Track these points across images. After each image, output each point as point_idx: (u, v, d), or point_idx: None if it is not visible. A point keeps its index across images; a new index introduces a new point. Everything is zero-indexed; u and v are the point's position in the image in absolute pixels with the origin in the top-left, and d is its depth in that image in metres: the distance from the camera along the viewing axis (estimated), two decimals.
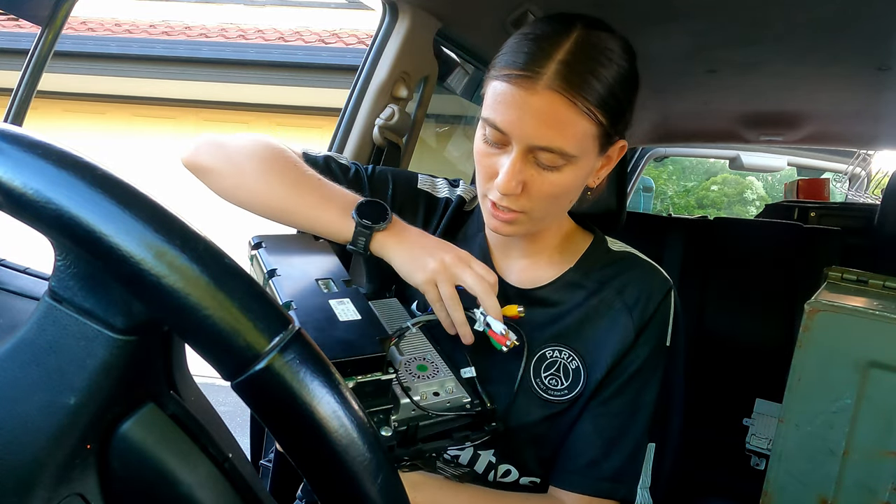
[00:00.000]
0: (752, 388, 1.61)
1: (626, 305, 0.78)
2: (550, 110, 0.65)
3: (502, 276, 0.83)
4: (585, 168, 0.71)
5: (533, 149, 0.67)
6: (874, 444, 0.74)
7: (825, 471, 0.76)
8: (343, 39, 5.57)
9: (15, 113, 0.95)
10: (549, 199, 0.71)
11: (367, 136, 1.32)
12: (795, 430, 0.78)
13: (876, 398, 0.74)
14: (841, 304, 0.77)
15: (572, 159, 0.68)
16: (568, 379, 0.76)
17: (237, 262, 0.31)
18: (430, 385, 0.69)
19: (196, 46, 5.41)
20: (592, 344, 0.77)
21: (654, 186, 6.40)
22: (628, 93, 0.70)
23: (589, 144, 0.69)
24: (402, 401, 0.65)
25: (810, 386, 0.78)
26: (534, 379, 0.77)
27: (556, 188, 0.70)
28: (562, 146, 0.66)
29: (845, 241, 1.94)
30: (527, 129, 0.66)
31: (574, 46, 0.66)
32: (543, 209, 0.72)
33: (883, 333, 0.74)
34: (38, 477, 0.32)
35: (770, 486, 0.79)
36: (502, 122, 0.67)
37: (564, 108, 0.65)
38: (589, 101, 0.66)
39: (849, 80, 1.75)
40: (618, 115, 0.69)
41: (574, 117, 0.66)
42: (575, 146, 0.67)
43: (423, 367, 0.71)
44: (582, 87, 0.65)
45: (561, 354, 0.77)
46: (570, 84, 0.65)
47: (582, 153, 0.69)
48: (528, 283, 0.82)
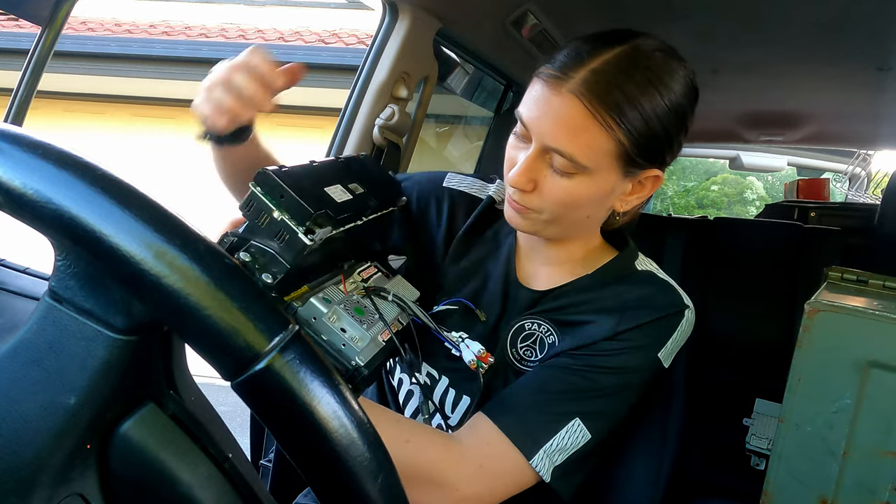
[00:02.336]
0: (752, 388, 1.61)
1: (619, 308, 0.75)
2: (569, 114, 0.65)
3: (523, 280, 0.82)
4: (602, 185, 0.70)
5: (548, 149, 0.67)
6: (874, 444, 0.74)
7: (825, 471, 0.76)
8: (343, 39, 5.57)
9: (15, 113, 0.95)
10: (559, 204, 0.70)
11: (367, 136, 1.32)
12: (795, 430, 0.78)
13: (876, 398, 0.74)
14: (841, 304, 0.77)
15: (585, 170, 0.67)
16: (543, 351, 0.76)
17: (237, 263, 0.31)
18: (345, 321, 0.67)
19: (196, 46, 5.41)
20: (574, 327, 0.76)
21: None
22: (668, 125, 0.68)
23: (605, 160, 0.67)
24: (310, 300, 0.65)
25: (810, 386, 0.77)
26: (510, 349, 0.78)
27: (567, 196, 0.69)
28: (573, 153, 0.66)
29: (845, 241, 1.94)
30: (544, 128, 0.67)
31: (612, 58, 0.66)
32: (554, 213, 0.72)
33: (883, 333, 0.74)
34: (39, 477, 0.32)
35: (770, 486, 0.79)
36: (526, 117, 0.69)
37: (582, 115, 0.65)
38: (610, 117, 0.65)
39: (849, 80, 1.75)
40: (645, 142, 0.67)
41: (591, 127, 0.65)
42: (587, 157, 0.66)
43: (360, 311, 0.70)
44: (604, 99, 0.64)
45: (539, 328, 0.77)
46: (592, 93, 0.64)
47: (596, 167, 0.67)
48: (542, 285, 0.81)
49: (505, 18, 1.35)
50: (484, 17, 1.36)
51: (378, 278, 0.80)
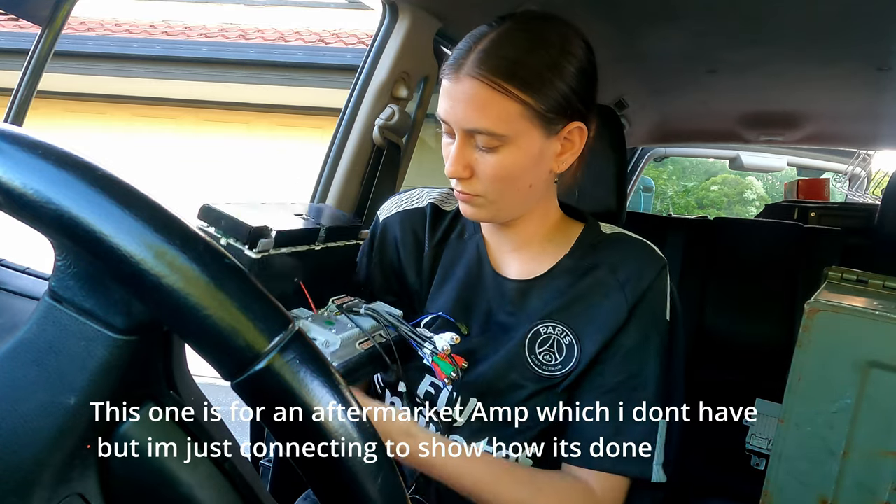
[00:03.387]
0: (752, 388, 1.61)
1: (619, 282, 0.79)
2: (472, 94, 0.71)
3: (500, 271, 0.85)
4: (529, 149, 0.74)
5: (469, 132, 0.73)
6: (874, 444, 0.74)
7: (825, 471, 0.76)
8: (343, 39, 5.56)
9: (15, 113, 0.95)
10: (497, 180, 0.75)
11: (367, 136, 1.32)
12: (795, 430, 0.78)
13: (876, 398, 0.74)
14: (841, 304, 0.77)
15: (505, 139, 0.72)
16: (562, 354, 0.78)
17: (237, 263, 0.31)
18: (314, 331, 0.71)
19: (196, 46, 5.41)
20: (585, 319, 0.79)
21: (654, 186, 6.40)
22: (566, 76, 0.73)
23: (520, 125, 0.72)
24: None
25: (810, 386, 0.77)
26: (528, 355, 0.79)
27: (500, 170, 0.74)
28: (488, 127, 0.71)
29: (845, 241, 1.94)
30: (457, 114, 0.72)
31: (496, 36, 0.72)
32: (497, 191, 0.76)
33: (883, 333, 0.74)
34: (39, 477, 0.32)
35: (770, 486, 0.79)
36: (441, 111, 0.74)
37: (483, 90, 0.70)
38: (507, 83, 0.70)
39: (849, 80, 1.75)
40: (552, 97, 0.72)
41: (494, 98, 0.70)
42: (502, 126, 0.71)
43: (331, 322, 0.73)
44: (498, 70, 0.70)
45: (555, 330, 0.79)
46: (485, 68, 0.70)
47: (515, 133, 0.72)
48: (525, 274, 0.84)
49: None
50: (484, 17, 1.35)
51: (355, 303, 0.81)
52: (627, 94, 2.02)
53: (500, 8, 1.33)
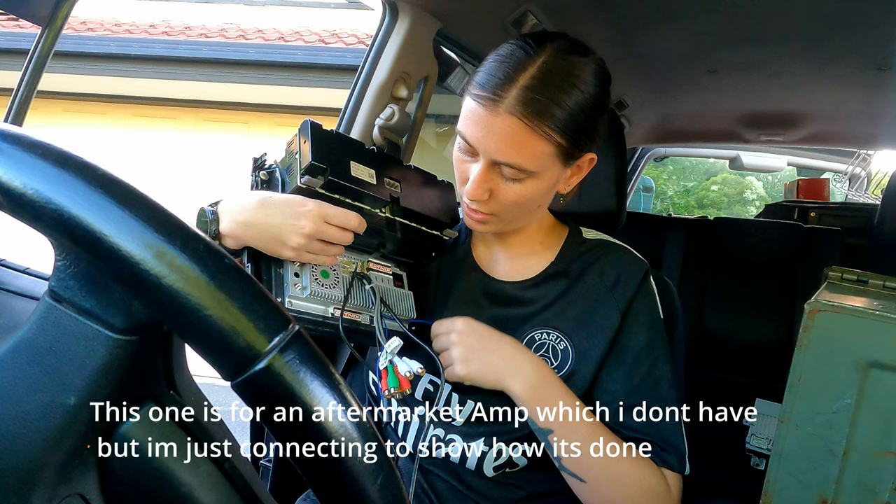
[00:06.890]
0: (752, 388, 1.61)
1: (607, 286, 0.83)
2: (511, 132, 0.71)
3: (490, 273, 0.88)
4: (549, 180, 0.77)
5: (496, 163, 0.74)
6: (874, 444, 0.74)
7: (825, 471, 0.76)
8: (343, 39, 5.56)
9: (15, 113, 0.95)
10: (514, 206, 0.77)
11: (367, 137, 1.32)
12: (795, 430, 0.78)
13: (876, 398, 0.74)
14: (841, 304, 0.77)
15: (533, 174, 0.74)
16: (557, 358, 0.82)
17: (237, 262, 0.31)
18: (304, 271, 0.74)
19: (196, 46, 5.41)
20: (578, 324, 0.82)
21: (654, 186, 6.40)
22: (592, 115, 0.75)
23: (549, 161, 0.74)
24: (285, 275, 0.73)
25: (810, 386, 0.77)
26: None
27: (520, 197, 0.76)
28: (521, 164, 0.73)
29: (845, 241, 1.94)
30: (490, 146, 0.72)
31: (538, 72, 0.71)
32: (511, 213, 0.79)
33: (883, 333, 0.74)
34: (38, 477, 0.32)
35: (770, 486, 0.79)
36: (470, 137, 0.74)
37: (523, 131, 0.71)
38: (547, 126, 0.71)
39: (849, 80, 1.75)
40: (579, 136, 0.74)
41: (532, 139, 0.71)
42: (534, 164, 0.73)
43: (326, 274, 0.76)
44: (541, 113, 0.70)
45: (549, 336, 0.83)
46: (529, 109, 0.70)
47: (542, 169, 0.74)
48: (515, 276, 0.87)
49: (505, 18, 1.35)
50: (484, 17, 1.36)
51: (385, 279, 0.82)
52: (627, 94, 2.03)
53: (500, 8, 1.34)
